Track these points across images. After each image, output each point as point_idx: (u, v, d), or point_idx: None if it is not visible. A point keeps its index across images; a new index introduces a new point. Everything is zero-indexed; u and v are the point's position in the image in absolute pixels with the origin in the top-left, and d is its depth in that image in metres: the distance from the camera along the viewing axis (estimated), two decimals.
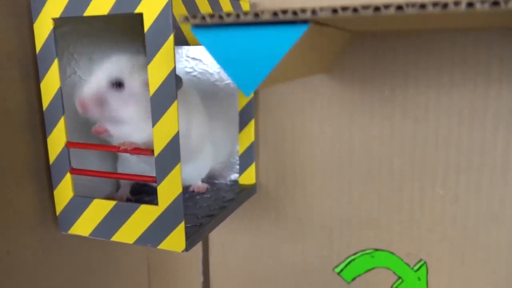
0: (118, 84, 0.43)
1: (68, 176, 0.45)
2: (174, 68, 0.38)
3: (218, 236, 0.58)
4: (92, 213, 0.45)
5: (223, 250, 0.58)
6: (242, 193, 0.55)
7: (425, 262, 0.53)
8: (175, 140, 0.39)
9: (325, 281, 0.57)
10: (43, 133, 0.45)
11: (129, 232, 0.44)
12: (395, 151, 0.51)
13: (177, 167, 0.40)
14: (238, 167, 0.58)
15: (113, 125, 0.45)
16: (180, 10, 0.39)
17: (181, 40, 0.40)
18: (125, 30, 0.53)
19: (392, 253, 0.54)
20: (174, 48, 0.38)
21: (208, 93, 0.58)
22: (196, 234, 0.43)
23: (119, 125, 0.44)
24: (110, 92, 0.43)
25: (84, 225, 0.45)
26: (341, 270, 0.56)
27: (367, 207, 0.54)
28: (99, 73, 0.43)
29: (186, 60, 0.58)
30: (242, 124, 0.57)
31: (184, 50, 0.59)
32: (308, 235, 0.57)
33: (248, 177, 0.58)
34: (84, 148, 0.45)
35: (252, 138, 0.57)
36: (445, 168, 0.50)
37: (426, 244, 0.53)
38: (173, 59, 0.38)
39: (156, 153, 0.40)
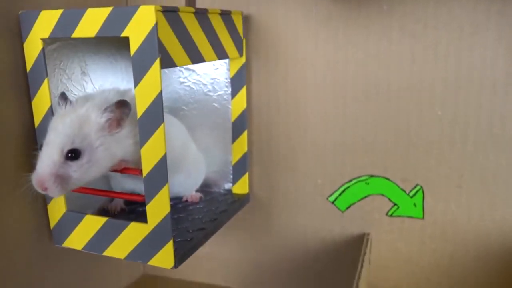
0: (74, 155, 0.39)
1: None
2: (161, 91, 0.38)
3: None
4: (84, 228, 0.46)
5: None
6: (235, 203, 0.55)
7: (421, 187, 0.52)
8: (162, 162, 0.40)
9: (319, 210, 0.57)
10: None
11: (120, 248, 0.44)
12: (392, 70, 0.50)
13: (165, 187, 0.41)
14: (231, 176, 0.59)
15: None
16: (167, 35, 0.39)
17: (169, 63, 0.40)
18: (118, 43, 0.53)
19: (387, 179, 0.53)
20: (160, 72, 0.38)
21: (201, 103, 0.58)
22: (186, 251, 0.44)
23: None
24: (67, 165, 0.39)
25: (77, 239, 0.46)
26: (335, 199, 0.55)
27: (362, 132, 0.53)
28: (50, 146, 0.39)
29: (180, 71, 0.59)
30: (235, 135, 0.57)
31: None
32: (301, 164, 0.56)
33: (242, 187, 0.58)
34: None
35: (245, 149, 0.57)
36: (443, 87, 0.49)
37: (422, 169, 0.52)
38: (159, 83, 0.38)
39: (144, 173, 0.41)
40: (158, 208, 0.41)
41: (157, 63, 0.38)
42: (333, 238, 0.56)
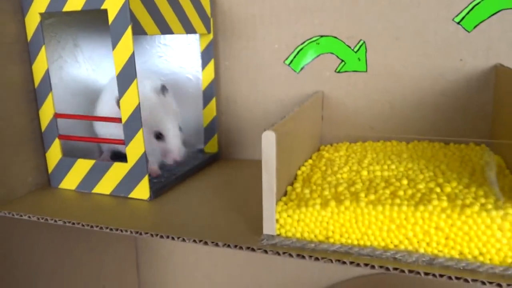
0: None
1: (57, 141, 0.55)
2: (133, 52, 0.48)
3: None
4: (76, 170, 0.55)
5: None
6: (206, 160, 0.65)
7: (364, 42, 0.58)
8: (137, 110, 0.50)
9: (277, 73, 0.63)
10: (36, 106, 0.56)
11: (106, 185, 0.54)
12: None
13: (140, 131, 0.50)
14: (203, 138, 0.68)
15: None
16: (137, 7, 0.49)
17: (140, 31, 0.50)
18: (104, 20, 0.63)
19: (335, 37, 0.59)
20: (132, 37, 0.48)
21: (177, 74, 0.68)
22: (159, 187, 0.54)
23: None
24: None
25: (71, 181, 0.56)
26: (291, 62, 0.62)
27: None
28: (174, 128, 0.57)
29: (158, 46, 0.68)
30: (206, 102, 0.67)
31: (157, 37, 0.69)
32: (259, 32, 0.63)
33: (212, 147, 0.68)
34: (69, 118, 0.56)
35: (214, 113, 0.67)
36: None
37: (364, 25, 0.58)
38: (132, 46, 0.48)
39: (123, 120, 0.51)
40: (135, 149, 0.51)
41: (129, 30, 0.47)
42: (290, 99, 0.63)
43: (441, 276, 0.36)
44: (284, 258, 0.73)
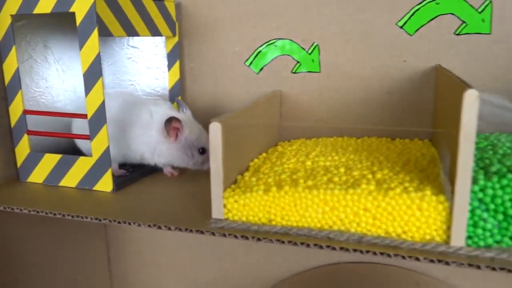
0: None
1: (25, 136, 0.58)
2: (99, 53, 0.52)
3: None
4: (44, 164, 0.58)
5: None
6: None
7: (317, 45, 0.62)
8: (102, 107, 0.53)
9: (238, 74, 0.68)
10: (6, 104, 0.59)
11: (72, 178, 0.57)
12: None
13: (104, 127, 0.54)
14: None
15: None
16: (103, 10, 0.52)
17: (106, 33, 0.53)
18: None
19: (291, 40, 0.64)
20: (98, 38, 0.51)
21: (144, 75, 0.72)
22: (123, 181, 0.57)
23: None
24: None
25: (39, 175, 0.59)
26: (251, 63, 0.67)
27: (270, 1, 0.64)
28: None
29: (127, 48, 0.72)
30: (171, 100, 0.70)
31: (126, 40, 0.72)
32: (222, 35, 0.67)
33: None
34: (38, 114, 0.59)
35: None
36: None
37: (317, 29, 0.62)
38: (98, 47, 0.51)
39: (89, 116, 0.54)
40: (99, 144, 0.54)
41: (95, 31, 0.51)
42: (251, 97, 0.66)
43: (367, 252, 0.40)
44: (248, 248, 0.77)
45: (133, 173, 0.60)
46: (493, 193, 0.37)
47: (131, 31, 0.58)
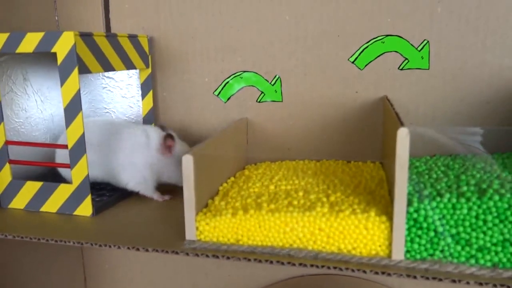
0: None
1: (7, 165, 0.62)
2: (79, 89, 0.56)
3: None
4: (25, 191, 0.62)
5: None
6: None
7: (279, 77, 0.69)
8: (81, 138, 0.58)
9: (207, 103, 0.74)
10: None
11: (53, 204, 0.61)
12: None
13: (84, 156, 0.58)
14: None
15: None
16: (83, 50, 0.57)
17: (85, 70, 0.58)
18: (51, 57, 0.71)
19: (256, 72, 0.70)
20: (78, 76, 0.56)
21: (119, 103, 0.76)
22: (102, 205, 0.62)
23: None
24: None
25: (20, 201, 0.63)
26: (219, 93, 0.73)
27: (236, 36, 0.70)
28: None
29: (102, 78, 0.77)
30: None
31: None
32: (192, 67, 0.73)
33: None
34: (19, 145, 0.63)
35: None
36: None
37: (279, 62, 0.69)
38: (78, 84, 0.56)
39: (69, 146, 0.58)
40: (79, 172, 0.59)
41: (76, 70, 0.56)
42: (219, 125, 0.74)
43: (322, 266, 0.46)
44: (219, 264, 0.81)
45: (111, 197, 0.65)
46: (425, 213, 0.44)
47: (108, 67, 0.63)
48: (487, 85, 0.63)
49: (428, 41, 0.64)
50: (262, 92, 0.71)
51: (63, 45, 0.56)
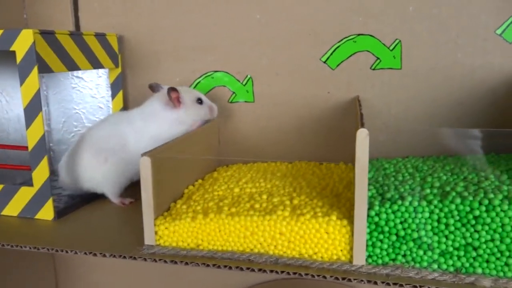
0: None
1: None
2: (39, 89, 0.55)
3: None
4: None
5: None
6: None
7: (251, 77, 0.68)
8: (42, 139, 0.56)
9: None
10: None
11: (14, 207, 0.59)
12: None
13: (45, 158, 0.56)
14: None
15: None
16: (43, 48, 0.55)
17: (47, 69, 0.56)
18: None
19: (227, 72, 0.69)
20: (38, 76, 0.54)
21: (89, 103, 0.75)
22: (64, 209, 0.60)
23: None
24: None
25: None
26: None
27: (208, 36, 0.69)
28: None
29: (72, 78, 0.75)
30: None
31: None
32: (163, 66, 0.72)
33: None
34: None
35: None
36: None
37: (250, 62, 0.68)
38: (37, 83, 0.54)
39: (30, 148, 0.57)
40: (40, 174, 0.57)
41: (35, 69, 0.54)
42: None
43: (282, 272, 0.44)
44: (192, 269, 0.80)
45: (75, 200, 0.63)
46: (387, 217, 0.43)
47: (73, 66, 0.61)
48: (459, 85, 0.62)
49: (400, 41, 0.63)
50: (233, 93, 0.70)
51: (22, 44, 0.54)
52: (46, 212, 0.58)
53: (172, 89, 0.61)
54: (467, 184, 0.45)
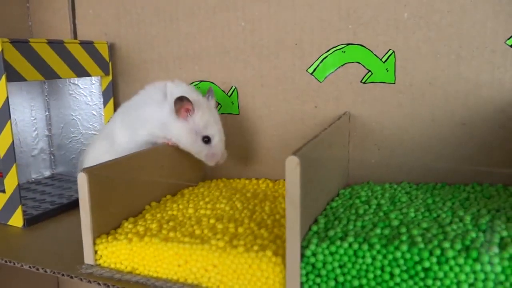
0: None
1: None
2: (7, 98, 0.55)
3: None
4: None
5: None
6: None
7: (235, 88, 0.65)
8: (11, 147, 0.56)
9: None
10: None
11: None
12: None
13: (14, 166, 0.57)
14: None
15: None
16: (13, 56, 0.55)
17: (18, 78, 0.56)
18: None
19: (212, 82, 0.66)
20: (6, 84, 0.54)
21: (84, 110, 0.75)
22: (34, 217, 0.60)
23: None
24: None
25: None
26: None
27: (193, 46, 0.66)
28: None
29: (69, 85, 0.76)
30: None
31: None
32: (151, 75, 0.70)
33: None
34: None
35: None
36: (244, 2, 0.62)
37: (235, 73, 0.64)
38: (6, 92, 0.54)
39: (1, 156, 0.57)
40: (11, 181, 0.57)
41: (3, 77, 0.54)
42: None
43: None
44: None
45: (51, 208, 0.63)
46: (324, 259, 0.37)
47: (50, 74, 0.61)
48: (462, 103, 0.54)
49: (393, 51, 0.55)
50: (219, 104, 0.66)
51: None
52: (17, 219, 0.58)
53: (185, 100, 0.56)
54: (431, 226, 0.38)
